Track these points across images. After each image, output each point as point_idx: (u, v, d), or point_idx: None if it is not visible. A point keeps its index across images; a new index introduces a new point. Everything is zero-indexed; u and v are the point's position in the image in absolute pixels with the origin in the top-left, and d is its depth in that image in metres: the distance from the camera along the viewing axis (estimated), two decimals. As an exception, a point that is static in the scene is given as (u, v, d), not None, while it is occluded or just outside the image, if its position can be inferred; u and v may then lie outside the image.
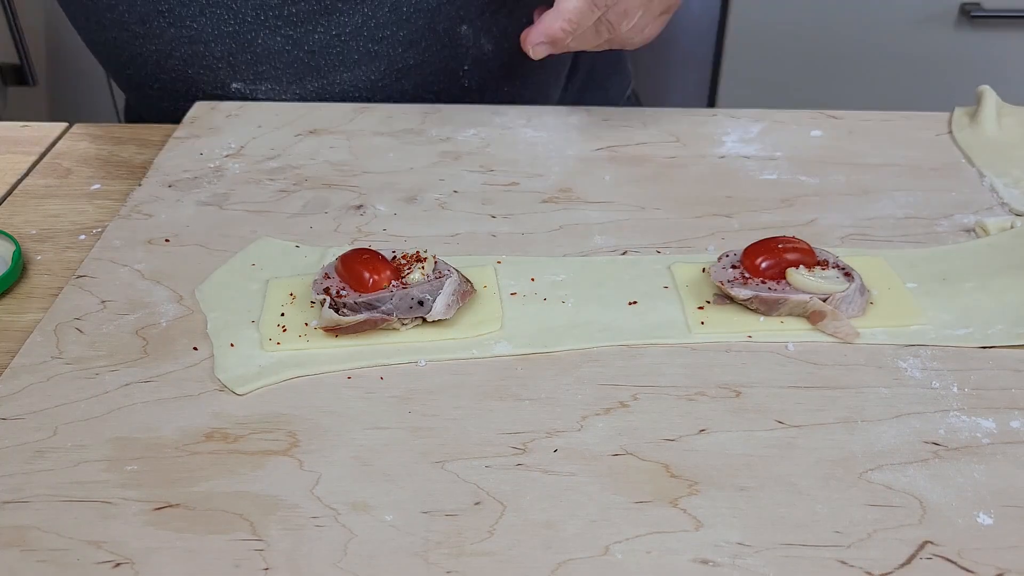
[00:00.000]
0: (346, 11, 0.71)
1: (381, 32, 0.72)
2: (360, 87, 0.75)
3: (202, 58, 0.73)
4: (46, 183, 0.66)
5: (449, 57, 0.75)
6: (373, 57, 0.73)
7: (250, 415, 0.46)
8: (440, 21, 0.73)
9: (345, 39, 0.72)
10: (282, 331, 0.50)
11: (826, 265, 0.52)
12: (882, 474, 0.42)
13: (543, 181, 0.65)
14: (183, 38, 0.72)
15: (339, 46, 0.72)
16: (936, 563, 0.38)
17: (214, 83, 0.75)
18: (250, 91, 0.75)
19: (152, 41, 0.73)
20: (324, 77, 0.74)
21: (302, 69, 0.74)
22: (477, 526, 0.40)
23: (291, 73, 0.74)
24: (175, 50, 0.73)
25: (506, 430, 0.45)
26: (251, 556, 0.39)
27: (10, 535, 0.40)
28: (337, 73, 0.74)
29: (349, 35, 0.72)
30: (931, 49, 1.40)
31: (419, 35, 0.73)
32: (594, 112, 0.74)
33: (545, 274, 0.55)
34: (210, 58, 0.73)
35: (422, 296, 0.50)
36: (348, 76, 0.74)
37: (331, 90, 0.75)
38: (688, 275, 0.55)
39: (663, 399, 0.47)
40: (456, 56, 0.75)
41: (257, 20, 0.71)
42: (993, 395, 0.47)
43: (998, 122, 0.70)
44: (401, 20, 0.72)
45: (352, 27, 0.71)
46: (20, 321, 0.52)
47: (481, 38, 0.74)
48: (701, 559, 0.39)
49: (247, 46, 0.72)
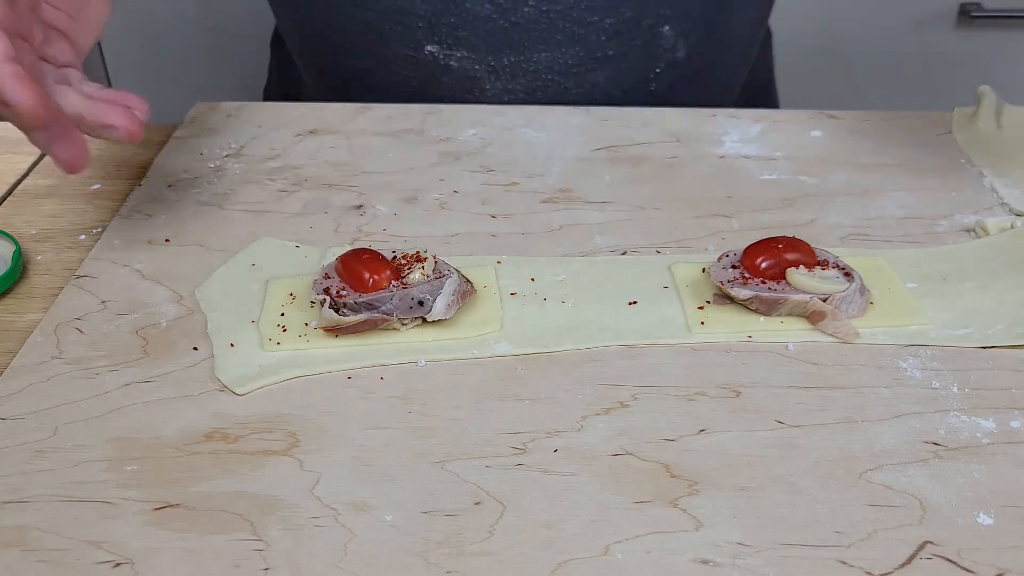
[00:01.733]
0: None
1: (590, 16, 0.71)
2: (555, 69, 0.74)
3: (403, 14, 0.72)
4: (46, 183, 0.66)
5: (646, 55, 0.74)
6: (575, 40, 0.72)
7: (250, 415, 0.46)
8: (647, 16, 0.72)
9: (553, 17, 0.71)
10: (282, 331, 0.50)
11: (826, 265, 0.52)
12: (882, 474, 0.42)
13: (543, 181, 0.65)
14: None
15: (545, 23, 0.71)
16: (936, 563, 0.38)
17: (408, 42, 0.73)
18: (444, 56, 0.73)
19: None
20: (522, 53, 0.73)
21: (502, 41, 0.72)
22: (477, 526, 0.40)
23: (490, 43, 0.72)
24: (375, 3, 0.72)
25: (506, 430, 0.45)
26: (251, 556, 0.39)
27: (10, 535, 0.40)
28: (536, 51, 0.73)
29: (558, 13, 0.71)
30: (931, 49, 1.40)
31: (625, 27, 0.72)
32: (594, 112, 0.74)
33: (545, 274, 0.55)
34: (412, 16, 0.72)
35: (422, 296, 0.50)
36: (546, 56, 0.73)
37: (525, 67, 0.74)
38: (688, 275, 0.55)
39: (663, 399, 0.47)
40: (652, 56, 0.75)
41: None
42: (993, 395, 0.47)
43: (998, 122, 0.70)
44: (611, 7, 0.71)
45: (563, 6, 0.70)
46: (20, 321, 0.52)
47: (679, 42, 0.74)
48: (701, 559, 0.39)
49: (453, 8, 0.71)
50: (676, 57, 0.75)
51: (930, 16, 1.39)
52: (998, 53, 1.40)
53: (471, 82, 0.75)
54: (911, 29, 1.39)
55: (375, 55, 0.75)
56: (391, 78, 0.76)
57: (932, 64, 1.42)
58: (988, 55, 1.41)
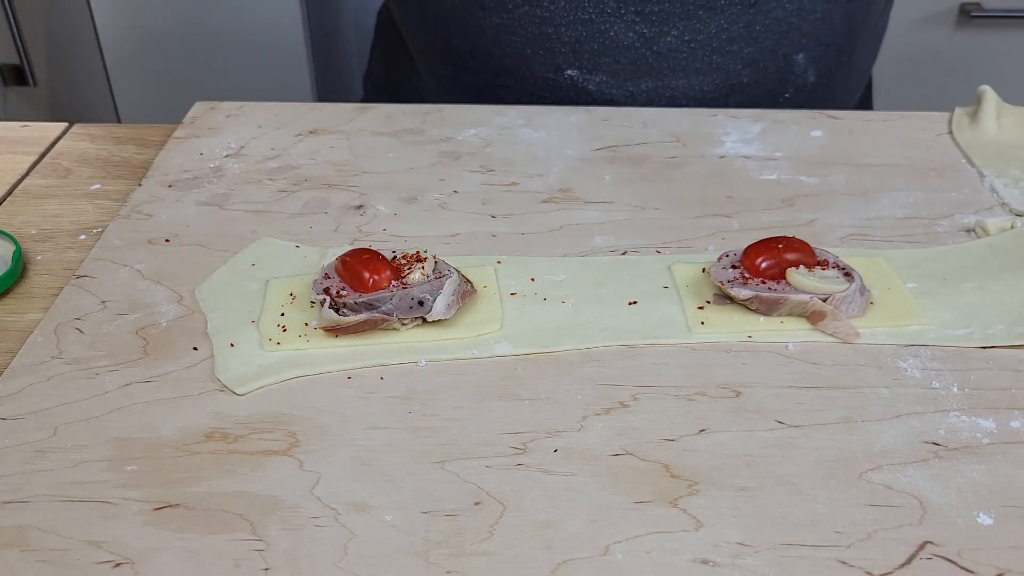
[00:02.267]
0: (704, 19, 0.71)
1: (729, 46, 0.72)
2: (690, 96, 0.75)
3: (547, 40, 0.73)
4: (46, 183, 0.66)
5: (778, 81, 0.76)
6: (713, 69, 0.73)
7: (250, 415, 0.46)
8: (783, 46, 0.73)
9: (694, 46, 0.72)
10: (282, 331, 0.50)
11: (826, 265, 0.52)
12: (882, 474, 0.42)
13: (543, 181, 0.65)
14: (535, 18, 0.72)
15: (686, 52, 0.72)
16: (936, 563, 0.38)
17: (549, 66, 0.74)
18: (583, 80, 0.74)
19: (500, 15, 0.72)
20: (660, 79, 0.74)
21: (643, 68, 0.73)
22: (477, 526, 0.40)
23: (631, 70, 0.74)
24: (521, 28, 0.73)
25: (506, 430, 0.45)
26: (251, 556, 0.39)
27: (10, 535, 0.40)
28: (674, 78, 0.74)
29: (699, 43, 0.72)
30: (931, 49, 1.40)
31: (761, 55, 0.74)
32: (594, 112, 0.74)
33: (545, 274, 0.55)
34: (556, 41, 0.73)
35: (422, 296, 0.50)
36: (683, 83, 0.74)
37: (662, 93, 0.75)
38: (688, 275, 0.55)
39: (663, 399, 0.47)
40: (784, 81, 0.76)
41: (616, 12, 0.71)
42: (993, 395, 0.47)
43: (998, 122, 0.70)
44: (750, 37, 0.72)
45: (705, 36, 0.72)
46: (20, 321, 0.52)
47: (809, 68, 0.75)
48: (701, 559, 0.39)
49: (598, 36, 0.72)
50: (806, 83, 0.76)
51: (930, 16, 1.39)
52: (998, 53, 1.40)
53: (607, 105, 0.76)
54: (911, 29, 1.39)
55: (515, 75, 0.76)
56: (527, 99, 0.77)
57: (932, 64, 1.42)
58: (988, 55, 1.41)
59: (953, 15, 1.39)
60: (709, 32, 0.71)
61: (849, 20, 0.75)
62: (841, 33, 0.75)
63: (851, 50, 0.77)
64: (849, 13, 0.75)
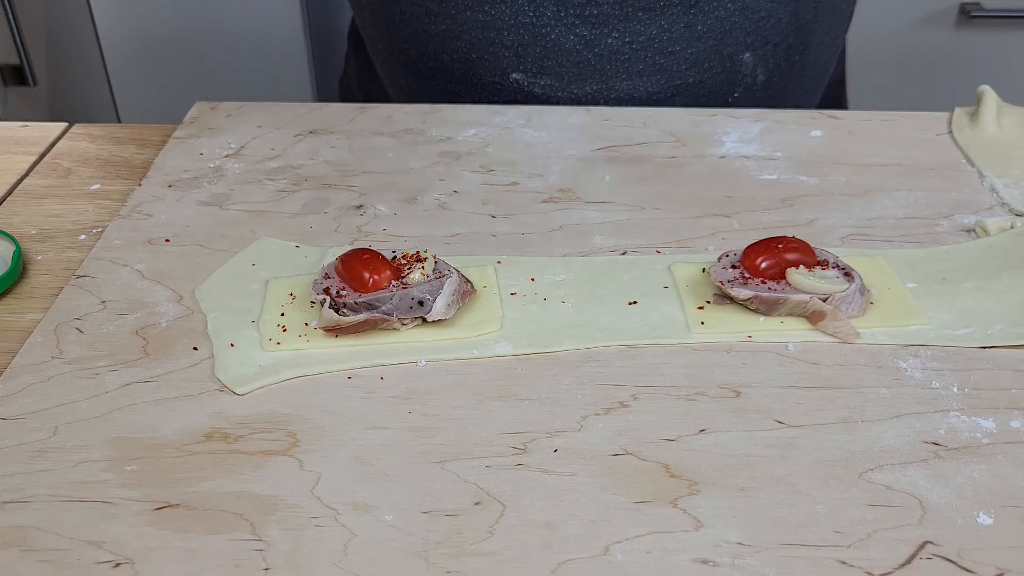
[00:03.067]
0: (644, 20, 0.71)
1: (671, 47, 0.73)
2: (636, 97, 0.76)
3: (491, 44, 0.73)
4: (46, 183, 0.66)
5: (725, 81, 0.76)
6: (657, 70, 0.74)
7: (250, 415, 0.46)
8: (728, 45, 0.74)
9: (636, 48, 0.72)
10: (282, 331, 0.50)
11: (826, 265, 0.52)
12: (882, 474, 0.42)
13: (543, 181, 0.65)
14: (477, 23, 0.72)
15: (628, 54, 0.73)
16: (936, 563, 0.38)
17: (494, 70, 0.75)
18: (528, 83, 0.75)
19: (444, 21, 0.73)
20: (604, 82, 0.75)
21: (586, 71, 0.74)
22: (477, 526, 0.40)
23: (574, 72, 0.74)
24: (465, 33, 0.73)
25: (506, 430, 0.45)
26: (251, 556, 0.39)
27: (10, 535, 0.40)
28: (618, 80, 0.74)
29: (641, 44, 0.72)
30: (931, 49, 1.40)
31: (705, 55, 0.74)
32: (594, 112, 0.74)
33: (545, 274, 0.55)
34: (499, 46, 0.73)
35: (422, 296, 0.50)
36: (627, 85, 0.75)
37: (607, 95, 0.75)
38: (688, 275, 0.55)
39: (663, 399, 0.47)
40: (731, 81, 0.76)
41: (556, 16, 0.71)
42: (993, 395, 0.47)
43: (998, 122, 0.70)
44: (693, 38, 0.73)
45: (646, 37, 0.72)
46: (20, 321, 0.52)
47: (758, 68, 0.75)
48: (701, 559, 0.39)
49: (539, 39, 0.72)
50: (755, 82, 0.76)
51: (930, 16, 1.39)
52: (998, 53, 1.40)
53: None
54: (911, 29, 1.39)
55: (462, 80, 0.76)
56: (477, 102, 0.78)
57: (932, 64, 1.42)
58: (988, 55, 1.41)
59: (953, 15, 1.39)
60: (650, 33, 0.72)
61: (797, 18, 0.75)
62: (790, 31, 0.75)
63: (803, 48, 0.77)
64: (796, 11, 0.74)
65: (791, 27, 0.75)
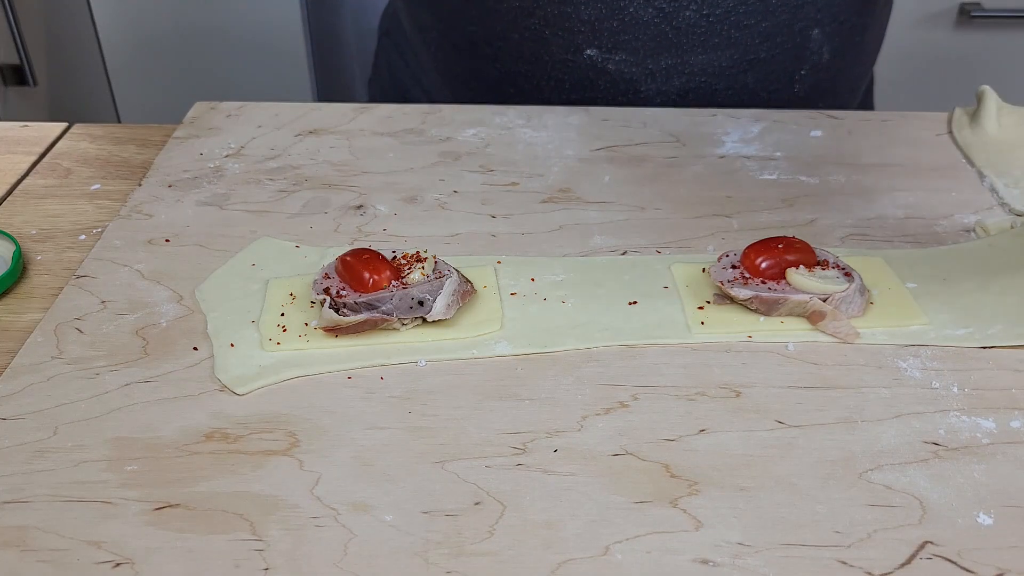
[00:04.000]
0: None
1: (746, 20, 0.72)
2: (709, 71, 0.75)
3: (566, 19, 0.73)
4: (46, 183, 0.66)
5: (794, 57, 0.76)
6: (731, 43, 0.73)
7: (250, 415, 0.46)
8: (799, 20, 0.74)
9: (712, 21, 0.72)
10: (282, 331, 0.50)
11: (826, 265, 0.52)
12: (882, 474, 0.42)
13: (543, 181, 0.65)
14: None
15: (705, 27, 0.72)
16: (936, 563, 0.38)
17: (568, 47, 0.74)
18: (602, 60, 0.74)
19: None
20: (680, 56, 0.74)
21: (663, 44, 0.74)
22: (477, 526, 0.40)
23: (651, 46, 0.74)
24: (540, 8, 0.73)
25: (506, 430, 0.45)
26: (251, 556, 0.39)
27: (10, 535, 0.40)
28: (694, 54, 0.74)
29: (717, 17, 0.72)
30: (931, 49, 1.40)
31: (778, 30, 0.74)
32: (594, 112, 0.74)
33: (545, 274, 0.55)
34: (575, 20, 0.72)
35: (422, 296, 0.50)
36: (703, 59, 0.74)
37: (682, 69, 0.75)
38: (688, 275, 0.55)
39: (663, 399, 0.47)
40: (799, 58, 0.76)
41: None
42: (993, 395, 0.47)
43: (998, 122, 0.70)
44: (767, 11, 0.73)
45: (722, 10, 0.72)
46: (20, 321, 0.52)
47: (824, 45, 0.75)
48: (701, 559, 0.39)
49: (617, 13, 0.72)
50: (821, 60, 0.77)
51: (930, 16, 1.39)
52: (998, 53, 1.41)
53: (626, 84, 0.76)
54: (911, 29, 1.39)
55: (533, 59, 0.76)
56: (546, 82, 0.77)
57: (932, 64, 1.42)
58: (988, 55, 1.41)
59: (953, 15, 1.39)
60: (727, 5, 0.72)
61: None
62: (854, 11, 0.76)
63: (863, 29, 0.77)
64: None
65: (856, 6, 0.75)
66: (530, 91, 0.78)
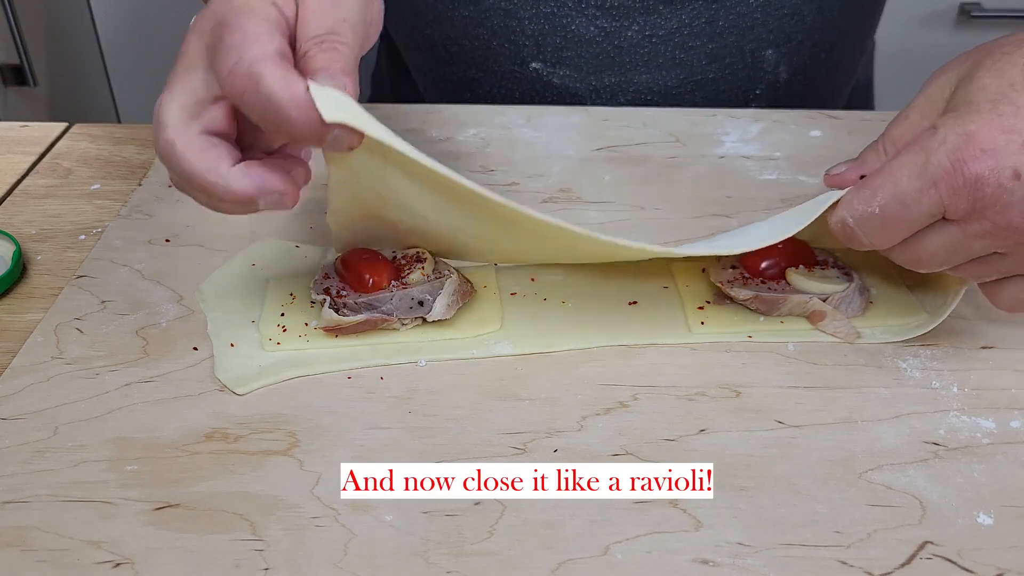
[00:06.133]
0: (665, 14, 0.72)
1: (692, 41, 0.73)
2: (654, 90, 0.76)
3: (512, 33, 0.74)
4: (46, 183, 0.66)
5: (746, 78, 0.76)
6: (676, 64, 0.74)
7: (250, 415, 0.46)
8: (749, 41, 0.74)
9: (656, 41, 0.73)
10: (282, 331, 0.50)
11: (826, 265, 0.52)
12: (882, 474, 0.42)
13: (543, 181, 0.65)
14: (499, 10, 0.73)
15: (648, 47, 0.73)
16: (936, 563, 0.38)
17: (514, 58, 0.75)
18: (547, 73, 0.75)
19: (467, 7, 0.73)
20: (623, 74, 0.75)
21: (605, 62, 0.74)
22: (477, 526, 0.40)
23: (594, 64, 0.74)
24: (487, 20, 0.74)
25: (506, 430, 0.45)
26: (251, 556, 0.39)
27: (10, 535, 0.40)
28: (638, 73, 0.74)
29: (661, 38, 0.72)
30: (931, 49, 1.40)
31: (726, 51, 0.74)
32: (594, 112, 0.74)
33: (545, 274, 0.55)
34: (520, 34, 0.73)
35: (422, 296, 0.50)
36: (647, 78, 0.75)
37: (625, 87, 0.75)
38: (688, 275, 0.55)
39: (663, 399, 0.47)
40: (753, 78, 0.76)
41: (577, 7, 0.72)
42: (993, 395, 0.47)
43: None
44: (714, 33, 0.73)
45: (666, 31, 0.72)
46: (20, 321, 0.52)
47: (780, 65, 0.75)
48: (701, 559, 0.39)
49: (560, 30, 0.73)
50: (778, 79, 0.76)
51: (930, 16, 1.39)
52: (998, 53, 1.40)
53: (572, 99, 0.76)
54: (911, 29, 1.39)
55: (483, 68, 0.77)
56: (497, 90, 0.78)
57: (932, 64, 1.41)
58: (988, 55, 1.40)
59: (953, 15, 1.39)
60: (671, 27, 0.72)
61: (822, 16, 0.74)
62: (815, 29, 0.75)
63: (829, 47, 0.77)
64: (822, 9, 0.74)
65: (816, 25, 0.75)
66: (484, 97, 0.79)
